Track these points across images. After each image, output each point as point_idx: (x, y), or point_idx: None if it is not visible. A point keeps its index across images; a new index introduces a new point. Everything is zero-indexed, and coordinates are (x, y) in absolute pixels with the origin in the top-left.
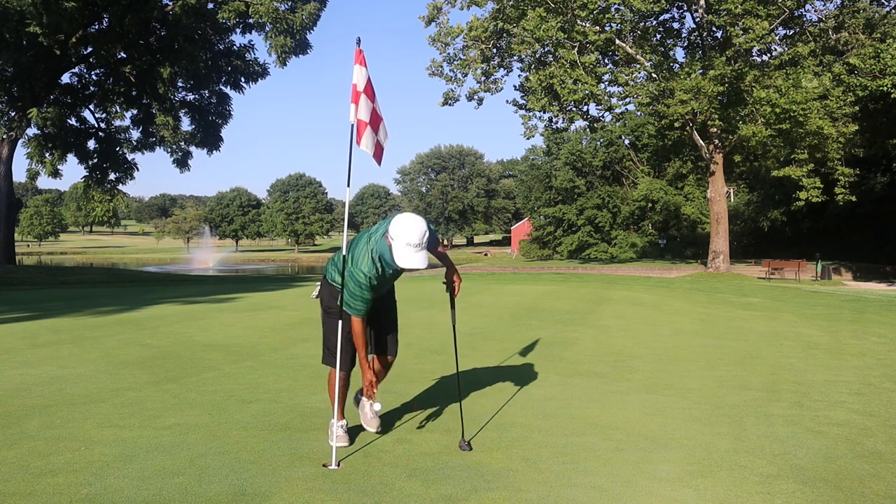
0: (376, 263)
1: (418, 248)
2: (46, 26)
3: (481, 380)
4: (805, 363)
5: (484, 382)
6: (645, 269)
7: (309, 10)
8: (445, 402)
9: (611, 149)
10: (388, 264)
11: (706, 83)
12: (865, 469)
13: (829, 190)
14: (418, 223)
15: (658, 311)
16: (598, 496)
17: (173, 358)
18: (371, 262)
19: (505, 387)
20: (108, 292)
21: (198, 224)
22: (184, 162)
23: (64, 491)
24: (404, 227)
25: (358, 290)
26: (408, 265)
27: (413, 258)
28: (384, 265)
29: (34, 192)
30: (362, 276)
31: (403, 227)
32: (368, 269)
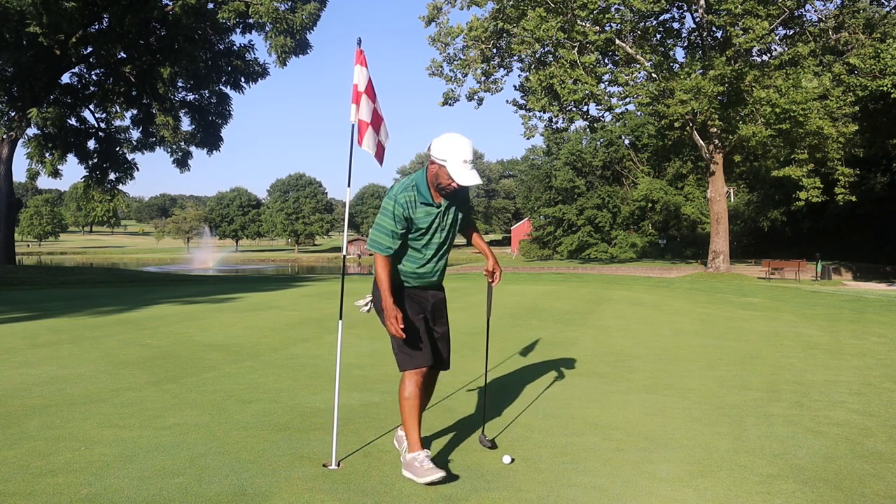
0: (408, 192)
1: (472, 164)
2: (46, 26)
3: (481, 380)
4: (805, 363)
5: (483, 382)
6: (645, 269)
7: (309, 10)
8: (445, 402)
9: (611, 149)
10: (422, 196)
11: (706, 83)
12: (865, 469)
13: (829, 190)
14: (465, 139)
15: (658, 311)
16: (598, 496)
17: (173, 358)
18: (402, 189)
19: (505, 387)
20: (108, 292)
21: (198, 224)
22: (184, 162)
23: (64, 491)
24: (453, 143)
25: (385, 220)
26: (467, 181)
27: (471, 174)
28: (417, 198)
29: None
30: (391, 204)
31: (452, 143)
32: (399, 194)
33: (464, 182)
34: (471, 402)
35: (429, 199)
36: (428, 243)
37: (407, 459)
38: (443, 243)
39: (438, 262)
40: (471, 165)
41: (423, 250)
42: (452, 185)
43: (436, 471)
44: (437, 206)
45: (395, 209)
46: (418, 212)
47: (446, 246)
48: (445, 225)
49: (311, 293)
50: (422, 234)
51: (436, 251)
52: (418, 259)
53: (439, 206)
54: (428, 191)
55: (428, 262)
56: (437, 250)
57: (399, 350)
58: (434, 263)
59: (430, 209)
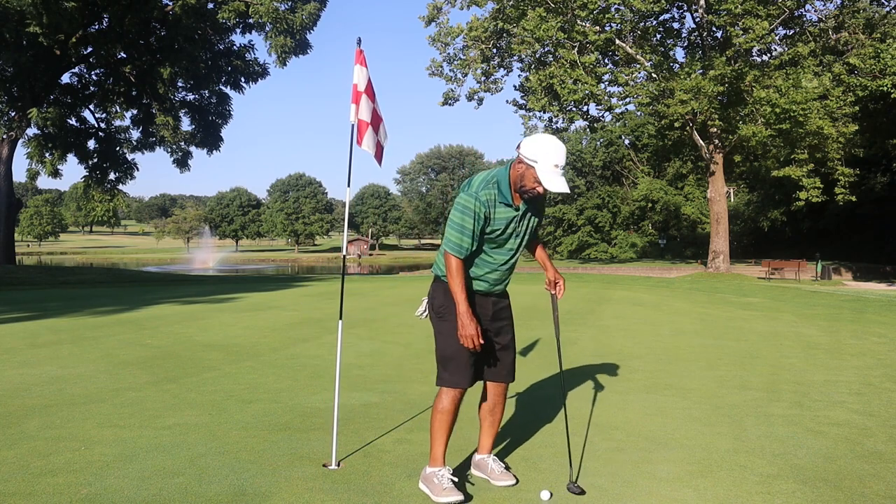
0: (489, 189)
1: (562, 171)
2: (46, 26)
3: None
4: (805, 363)
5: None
6: (645, 269)
7: (309, 10)
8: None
9: (611, 149)
10: (503, 196)
11: (706, 83)
12: (865, 469)
13: (829, 190)
14: (560, 143)
15: (658, 311)
16: (598, 496)
17: (173, 358)
18: (482, 184)
19: None
20: (108, 292)
21: (198, 224)
22: (184, 162)
23: (64, 491)
24: (547, 145)
25: (464, 219)
26: (556, 187)
27: (560, 180)
28: (498, 197)
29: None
30: (471, 202)
31: (546, 145)
32: (481, 191)
33: (553, 188)
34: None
35: (509, 199)
36: (501, 247)
37: (426, 473)
38: (516, 249)
39: (508, 270)
40: (561, 171)
41: (495, 254)
42: (538, 189)
43: (454, 492)
44: (515, 209)
45: (476, 207)
46: (497, 212)
47: (517, 252)
48: (521, 230)
49: (311, 293)
50: (497, 235)
51: (508, 257)
52: (489, 264)
53: (517, 209)
54: (509, 191)
55: (498, 268)
56: (509, 256)
57: (441, 362)
58: (504, 271)
59: (508, 211)
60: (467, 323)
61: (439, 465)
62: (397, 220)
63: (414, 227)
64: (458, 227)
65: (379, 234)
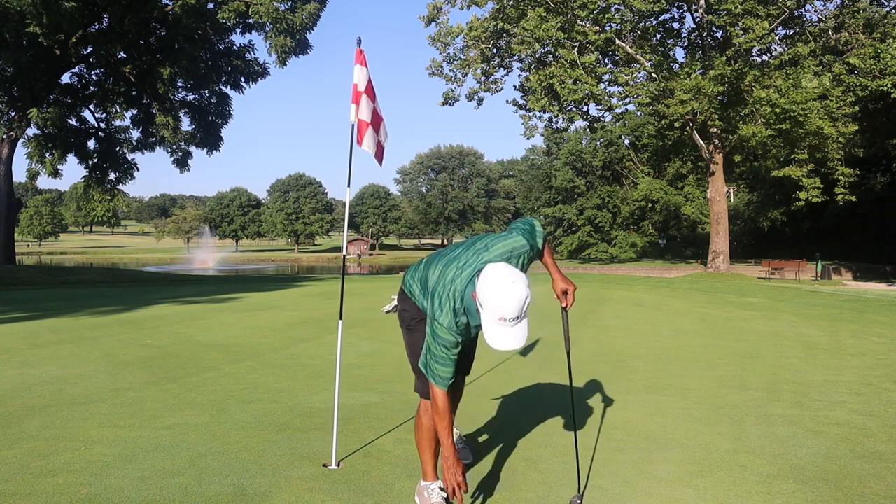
0: (459, 318)
1: (515, 322)
2: (46, 26)
3: (481, 380)
4: (805, 363)
5: (484, 383)
6: (645, 269)
7: (309, 10)
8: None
9: (611, 149)
10: (474, 319)
11: (706, 83)
12: (865, 469)
13: (829, 190)
14: (516, 292)
15: (658, 311)
16: (598, 496)
17: (173, 358)
18: (452, 315)
19: (505, 387)
20: (108, 292)
21: (198, 224)
22: (184, 162)
23: (64, 491)
24: (496, 294)
25: (443, 353)
26: (500, 347)
27: (507, 338)
28: (470, 324)
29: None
30: (449, 336)
31: (495, 293)
32: (450, 325)
33: (493, 346)
34: (471, 402)
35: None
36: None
37: (419, 487)
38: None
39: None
40: (512, 323)
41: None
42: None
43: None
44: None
45: (455, 338)
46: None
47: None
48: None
49: (311, 293)
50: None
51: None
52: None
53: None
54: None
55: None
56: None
57: (416, 373)
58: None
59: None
60: (454, 468)
61: (430, 479)
62: (397, 220)
63: (414, 227)
64: (439, 359)
65: (379, 234)
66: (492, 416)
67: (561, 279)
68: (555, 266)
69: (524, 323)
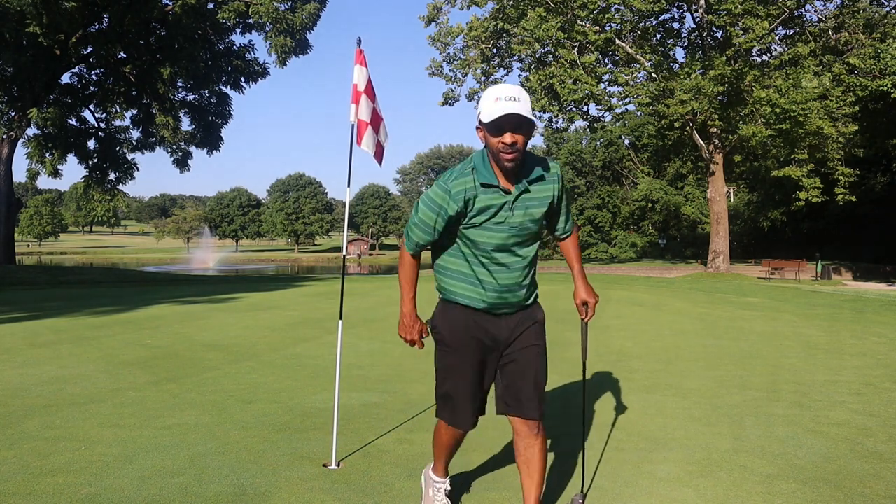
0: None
1: (512, 99)
2: (46, 26)
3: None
4: (805, 363)
5: None
6: (645, 269)
7: (309, 10)
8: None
9: (611, 149)
10: (483, 176)
11: (706, 83)
12: (865, 469)
13: (829, 190)
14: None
15: (658, 311)
16: (598, 496)
17: (173, 358)
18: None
19: None
20: (108, 292)
21: (198, 224)
22: (184, 162)
23: (64, 491)
24: (487, 91)
25: (424, 213)
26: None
27: (504, 105)
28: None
29: (34, 192)
30: (439, 195)
31: (486, 92)
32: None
33: (496, 112)
34: None
35: (492, 178)
36: (496, 241)
37: (428, 474)
38: (517, 243)
39: (514, 273)
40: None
41: (490, 252)
42: (504, 142)
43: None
44: (504, 192)
45: (443, 201)
46: (479, 200)
47: (524, 248)
48: (516, 220)
49: (311, 293)
50: (484, 221)
51: (509, 254)
52: (483, 265)
53: (507, 192)
54: (491, 170)
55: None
56: (509, 253)
57: (440, 394)
58: (509, 273)
59: (495, 195)
60: (408, 325)
61: (440, 475)
62: (397, 220)
63: None
64: (417, 222)
65: (379, 234)
66: (491, 416)
67: (584, 288)
68: (580, 270)
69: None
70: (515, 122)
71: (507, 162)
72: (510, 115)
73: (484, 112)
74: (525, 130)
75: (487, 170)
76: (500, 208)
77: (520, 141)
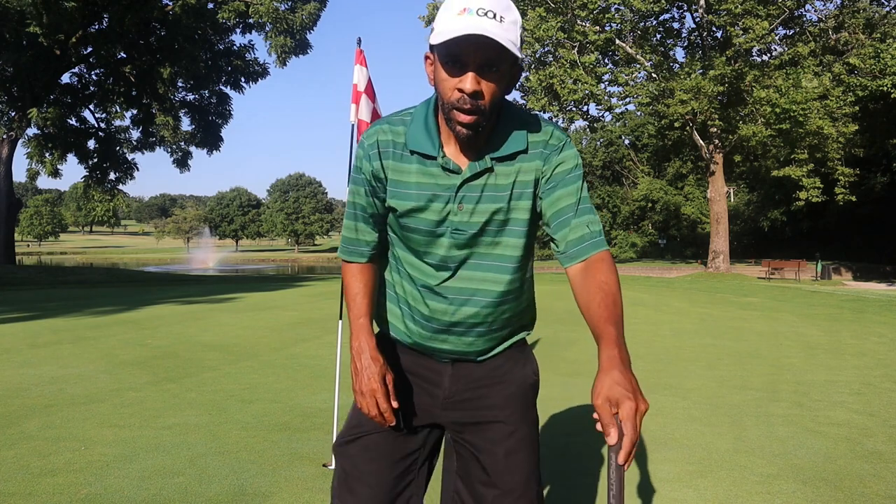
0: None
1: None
2: (46, 26)
3: None
4: (805, 363)
5: None
6: (645, 269)
7: (309, 10)
8: None
9: (611, 149)
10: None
11: (706, 83)
12: (865, 469)
13: (829, 190)
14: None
15: (658, 311)
16: (598, 496)
17: (173, 358)
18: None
19: None
20: (108, 292)
21: (198, 224)
22: (184, 162)
23: (64, 491)
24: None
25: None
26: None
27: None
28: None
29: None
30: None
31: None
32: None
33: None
34: None
35: (429, 145)
36: (422, 248)
37: None
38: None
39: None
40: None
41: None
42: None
43: None
44: (451, 169)
45: (360, 162)
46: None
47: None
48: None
49: (311, 293)
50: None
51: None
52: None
53: (455, 171)
54: (434, 129)
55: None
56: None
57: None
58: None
59: (429, 169)
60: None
61: None
62: None
63: None
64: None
65: None
66: None
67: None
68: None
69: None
70: (485, 53)
71: (461, 125)
72: (478, 36)
73: (438, 28)
74: (502, 69)
75: (428, 128)
76: (437, 196)
77: (489, 91)
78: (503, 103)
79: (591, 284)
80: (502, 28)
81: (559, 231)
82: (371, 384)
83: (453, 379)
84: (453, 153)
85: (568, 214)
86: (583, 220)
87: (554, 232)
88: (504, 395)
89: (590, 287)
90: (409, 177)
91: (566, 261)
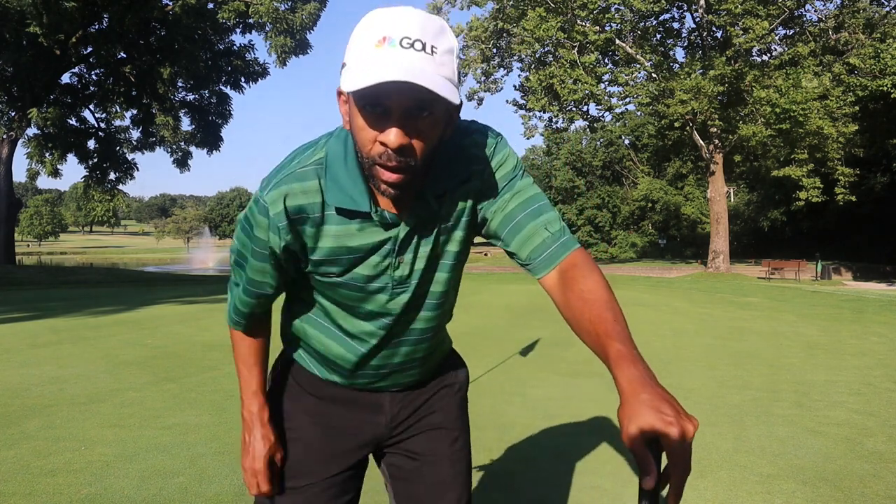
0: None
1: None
2: (46, 26)
3: (481, 380)
4: (805, 363)
5: (484, 382)
6: (645, 269)
7: (309, 10)
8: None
9: (611, 149)
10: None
11: (706, 83)
12: (865, 469)
13: (829, 190)
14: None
15: (658, 311)
16: (598, 496)
17: (173, 358)
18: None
19: (505, 387)
20: (108, 292)
21: (198, 224)
22: (184, 162)
23: (64, 491)
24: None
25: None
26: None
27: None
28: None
29: (34, 192)
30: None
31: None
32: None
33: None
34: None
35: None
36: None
37: None
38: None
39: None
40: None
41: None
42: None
43: None
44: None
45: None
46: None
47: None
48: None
49: None
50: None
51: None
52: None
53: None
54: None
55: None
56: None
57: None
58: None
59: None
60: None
61: None
62: None
63: None
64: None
65: None
66: (491, 417)
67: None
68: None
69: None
70: (414, 96)
71: (385, 184)
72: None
73: (350, 63)
74: (436, 113)
75: (351, 175)
76: (375, 251)
77: (420, 143)
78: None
79: (573, 298)
80: (434, 63)
81: (513, 238)
82: (255, 464)
83: (393, 401)
84: (387, 202)
85: (518, 217)
86: (538, 221)
87: (508, 242)
88: (443, 402)
89: (572, 302)
90: (336, 241)
91: (535, 272)
